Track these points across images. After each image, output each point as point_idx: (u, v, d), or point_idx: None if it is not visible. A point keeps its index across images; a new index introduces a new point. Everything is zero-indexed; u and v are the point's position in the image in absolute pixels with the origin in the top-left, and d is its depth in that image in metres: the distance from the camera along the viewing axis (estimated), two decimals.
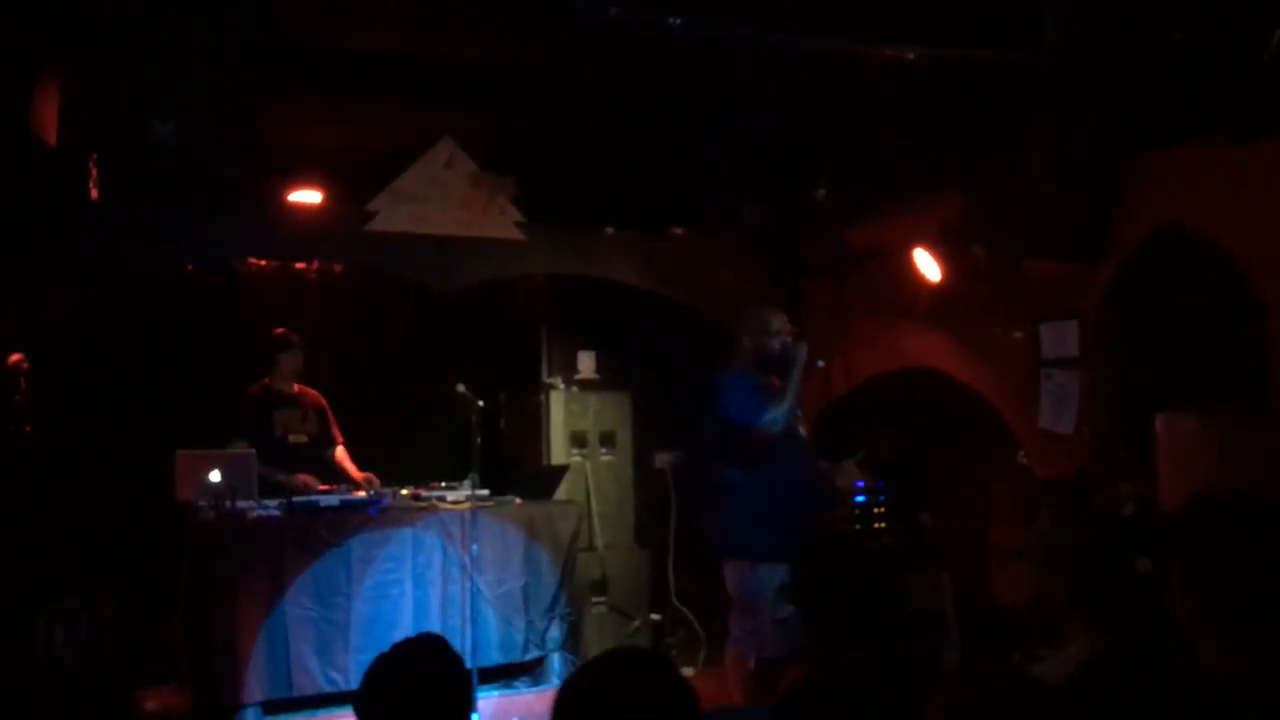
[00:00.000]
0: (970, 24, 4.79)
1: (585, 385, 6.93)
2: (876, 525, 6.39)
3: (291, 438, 5.87)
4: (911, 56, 4.78)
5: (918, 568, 5.98)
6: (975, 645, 5.54)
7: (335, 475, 5.91)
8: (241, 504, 5.12)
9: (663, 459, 6.90)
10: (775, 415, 4.59)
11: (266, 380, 5.91)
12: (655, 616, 6.58)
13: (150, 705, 5.09)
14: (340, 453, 6.05)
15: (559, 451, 6.69)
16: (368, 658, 2.53)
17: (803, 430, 4.92)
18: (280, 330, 5.97)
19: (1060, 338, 5.50)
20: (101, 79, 3.87)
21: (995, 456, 6.07)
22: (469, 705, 2.41)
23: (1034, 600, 2.48)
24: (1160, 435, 4.95)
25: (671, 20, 4.44)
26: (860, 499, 6.37)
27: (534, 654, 5.74)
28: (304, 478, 5.65)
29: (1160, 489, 4.70)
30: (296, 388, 5.99)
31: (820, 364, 5.08)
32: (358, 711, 2.38)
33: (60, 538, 5.59)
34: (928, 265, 6.05)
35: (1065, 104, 4.78)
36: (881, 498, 6.41)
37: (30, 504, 5.47)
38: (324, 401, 6.08)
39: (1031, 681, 1.94)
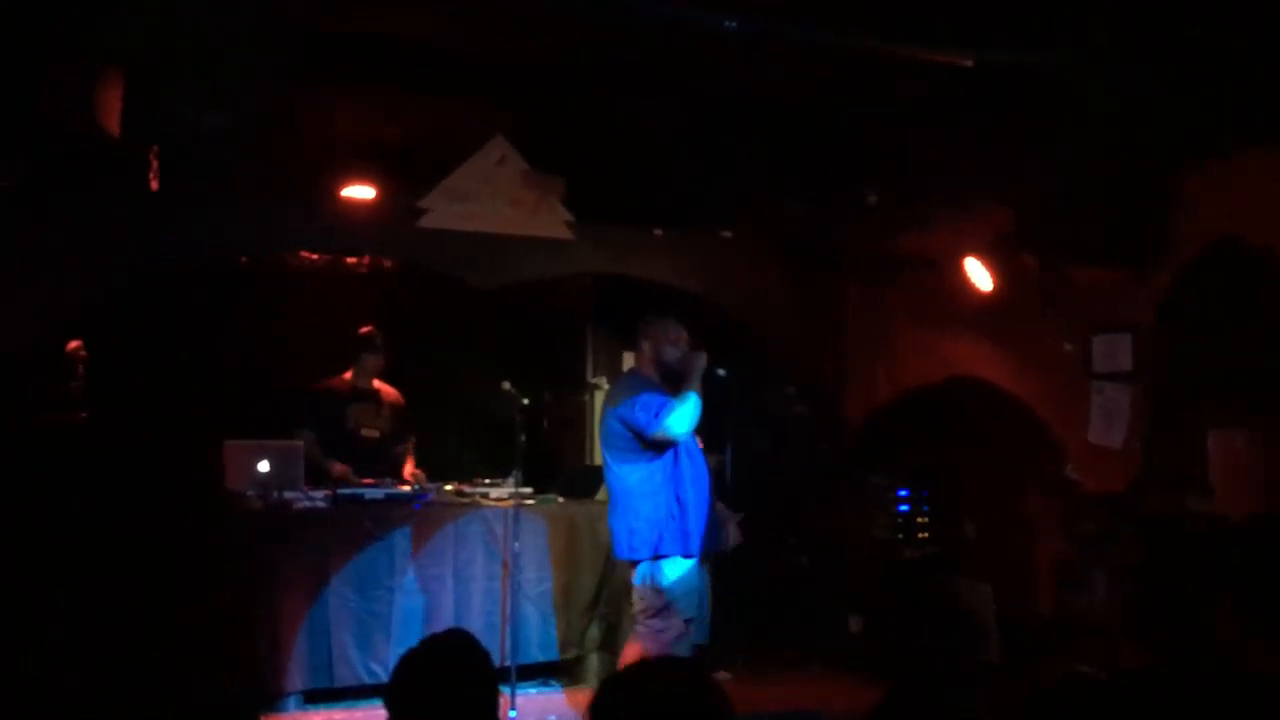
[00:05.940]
0: (1022, 28, 4.73)
1: None
2: (920, 535, 6.34)
3: (364, 431, 6.08)
4: (970, 62, 4.72)
5: (961, 576, 5.92)
6: (1016, 655, 5.47)
7: (399, 471, 6.07)
8: (288, 494, 5.19)
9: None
10: (672, 418, 4.65)
11: (348, 375, 6.13)
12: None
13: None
14: (405, 449, 6.22)
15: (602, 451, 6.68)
16: None
17: (699, 441, 4.97)
18: (366, 329, 6.18)
19: (1112, 351, 5.42)
20: (158, 73, 3.94)
21: (1041, 468, 5.99)
22: (495, 702, 2.43)
23: (1095, 612, 2.45)
24: (1214, 451, 4.87)
25: (726, 22, 4.42)
26: (904, 508, 6.33)
27: (572, 653, 5.76)
28: (340, 469, 5.78)
29: (1216, 505, 4.62)
30: (376, 384, 6.19)
31: (721, 373, 5.03)
32: (387, 705, 2.41)
33: (111, 525, 5.67)
34: (979, 274, 5.97)
35: (1117, 109, 4.71)
36: (925, 507, 6.36)
37: (83, 491, 5.54)
38: (402, 400, 6.27)
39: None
